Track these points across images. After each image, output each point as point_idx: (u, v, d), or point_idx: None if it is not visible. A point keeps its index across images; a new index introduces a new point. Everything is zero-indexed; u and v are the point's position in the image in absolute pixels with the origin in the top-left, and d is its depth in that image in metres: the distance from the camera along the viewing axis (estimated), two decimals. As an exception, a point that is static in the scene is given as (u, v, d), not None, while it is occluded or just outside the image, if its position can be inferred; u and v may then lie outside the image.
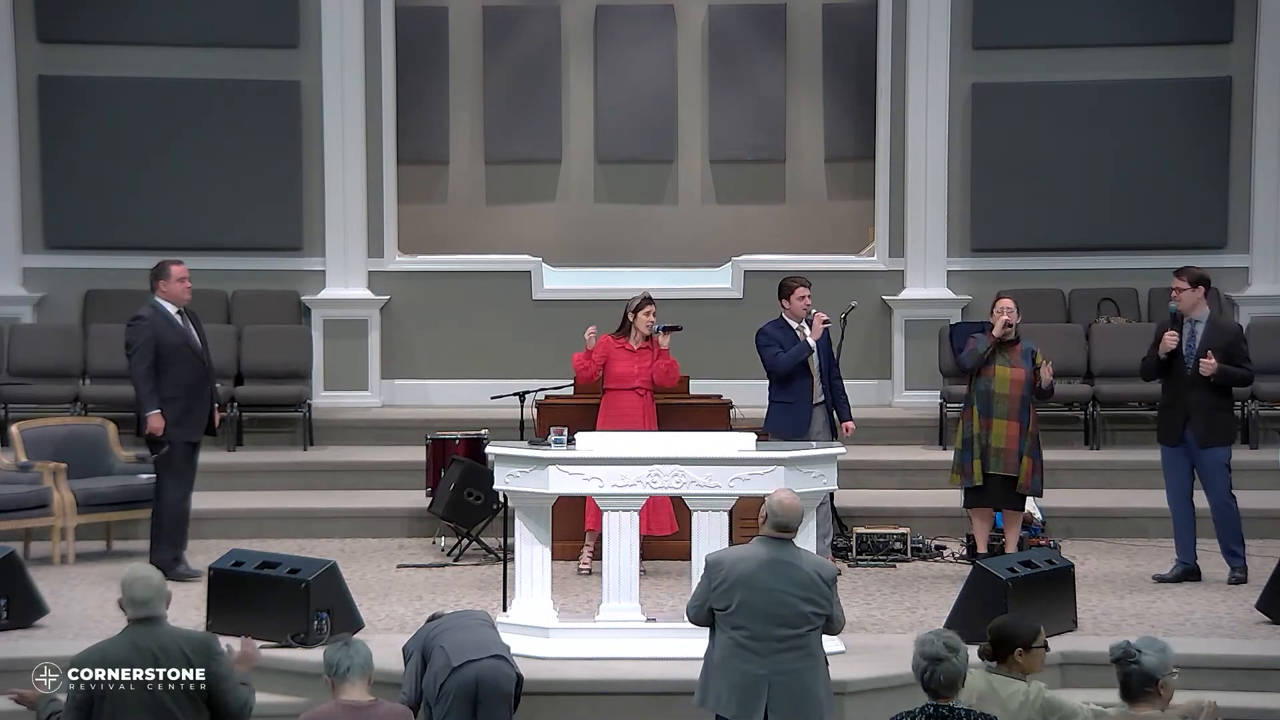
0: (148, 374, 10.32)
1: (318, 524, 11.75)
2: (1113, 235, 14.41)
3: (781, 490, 7.13)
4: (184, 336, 10.45)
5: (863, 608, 9.73)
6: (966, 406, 10.54)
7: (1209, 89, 14.34)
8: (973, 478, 10.40)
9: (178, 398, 10.36)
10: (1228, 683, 8.44)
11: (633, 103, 15.52)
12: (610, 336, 10.85)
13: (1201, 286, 10.24)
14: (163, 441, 10.34)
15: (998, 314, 10.45)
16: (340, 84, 14.24)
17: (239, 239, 14.29)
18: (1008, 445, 10.33)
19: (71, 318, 14.26)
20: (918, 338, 14.15)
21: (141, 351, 10.33)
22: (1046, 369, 10.37)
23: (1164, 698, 5.77)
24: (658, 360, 10.75)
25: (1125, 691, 5.80)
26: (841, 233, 15.29)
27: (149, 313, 10.44)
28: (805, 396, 10.60)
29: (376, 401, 14.35)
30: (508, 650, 7.76)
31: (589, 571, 10.55)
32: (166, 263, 10.59)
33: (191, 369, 10.44)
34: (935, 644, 5.73)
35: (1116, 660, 5.79)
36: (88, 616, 9.46)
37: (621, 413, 10.62)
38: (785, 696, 6.81)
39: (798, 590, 6.82)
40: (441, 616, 8.01)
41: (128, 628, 6.18)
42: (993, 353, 10.42)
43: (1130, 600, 9.87)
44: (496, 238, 15.37)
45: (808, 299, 10.71)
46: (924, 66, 14.27)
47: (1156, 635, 6.57)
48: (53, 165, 14.27)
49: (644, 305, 10.80)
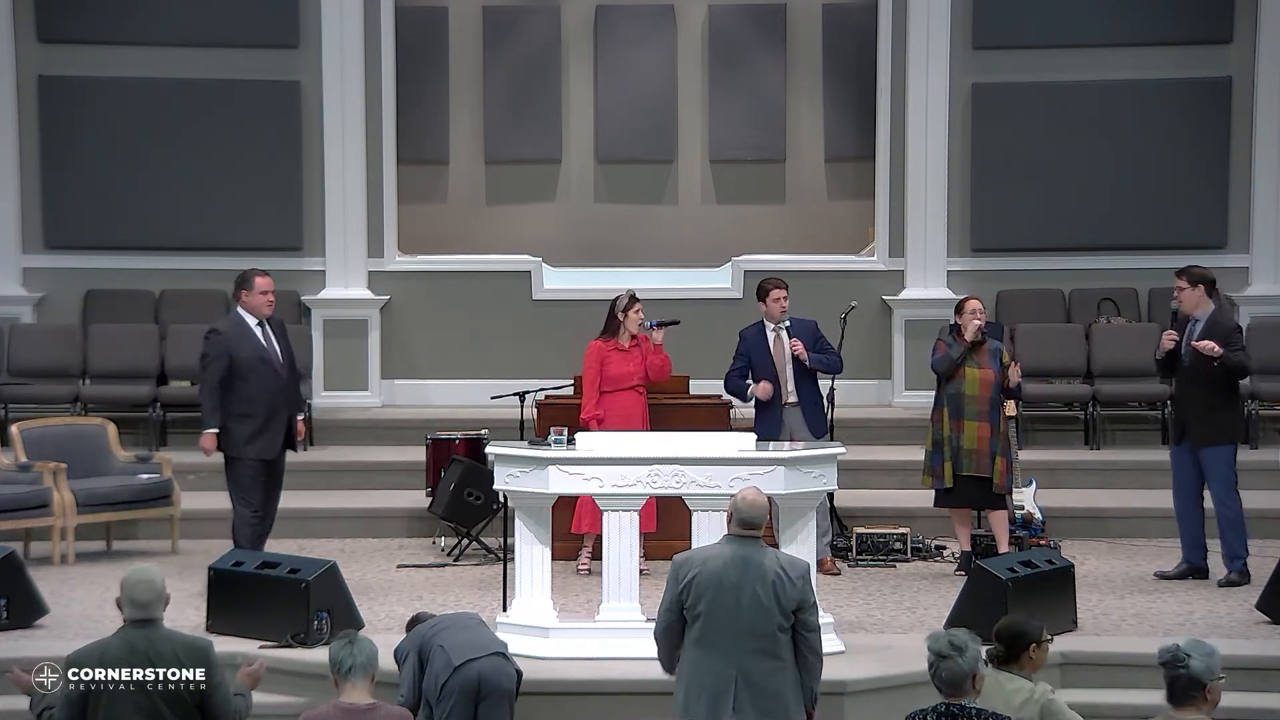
0: (214, 390, 9.81)
1: (318, 524, 11.74)
2: (1113, 235, 14.41)
3: (747, 488, 7.03)
4: (261, 350, 9.91)
5: (863, 608, 9.73)
6: (936, 409, 10.60)
7: (1209, 89, 14.34)
8: (943, 479, 10.48)
9: (252, 414, 9.83)
10: (1228, 683, 8.40)
11: (633, 103, 15.52)
12: (599, 341, 10.83)
13: (1202, 286, 10.24)
14: (233, 458, 9.90)
15: (969, 317, 10.51)
16: (340, 84, 14.24)
17: (239, 239, 14.28)
18: (979, 446, 10.38)
19: (71, 318, 14.26)
20: (918, 338, 14.14)
21: (212, 366, 9.83)
22: (1015, 369, 10.45)
23: (1210, 702, 5.73)
24: (651, 356, 10.76)
25: (1171, 694, 5.75)
26: (841, 233, 15.29)
27: (225, 325, 10.00)
28: (774, 400, 10.66)
29: (376, 401, 14.35)
30: (506, 648, 7.77)
31: (588, 571, 10.55)
32: (251, 273, 10.11)
33: (269, 383, 9.90)
34: (940, 641, 5.73)
35: (1164, 664, 5.75)
36: (88, 616, 9.46)
37: (622, 413, 10.62)
38: (751, 698, 6.68)
39: (765, 589, 6.70)
40: (425, 619, 7.98)
41: (123, 628, 6.17)
42: (962, 354, 10.47)
43: (1130, 600, 9.87)
44: (496, 238, 15.37)
45: (784, 300, 10.75)
46: (924, 66, 14.27)
47: (1157, 636, 6.56)
48: (53, 165, 14.27)
49: (632, 304, 10.80)
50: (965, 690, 5.69)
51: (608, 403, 10.72)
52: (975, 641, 5.79)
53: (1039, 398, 13.52)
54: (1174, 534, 10.70)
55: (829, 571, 10.50)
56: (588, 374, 10.77)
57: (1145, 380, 13.39)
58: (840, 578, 10.56)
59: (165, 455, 11.96)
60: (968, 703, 5.65)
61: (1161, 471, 10.82)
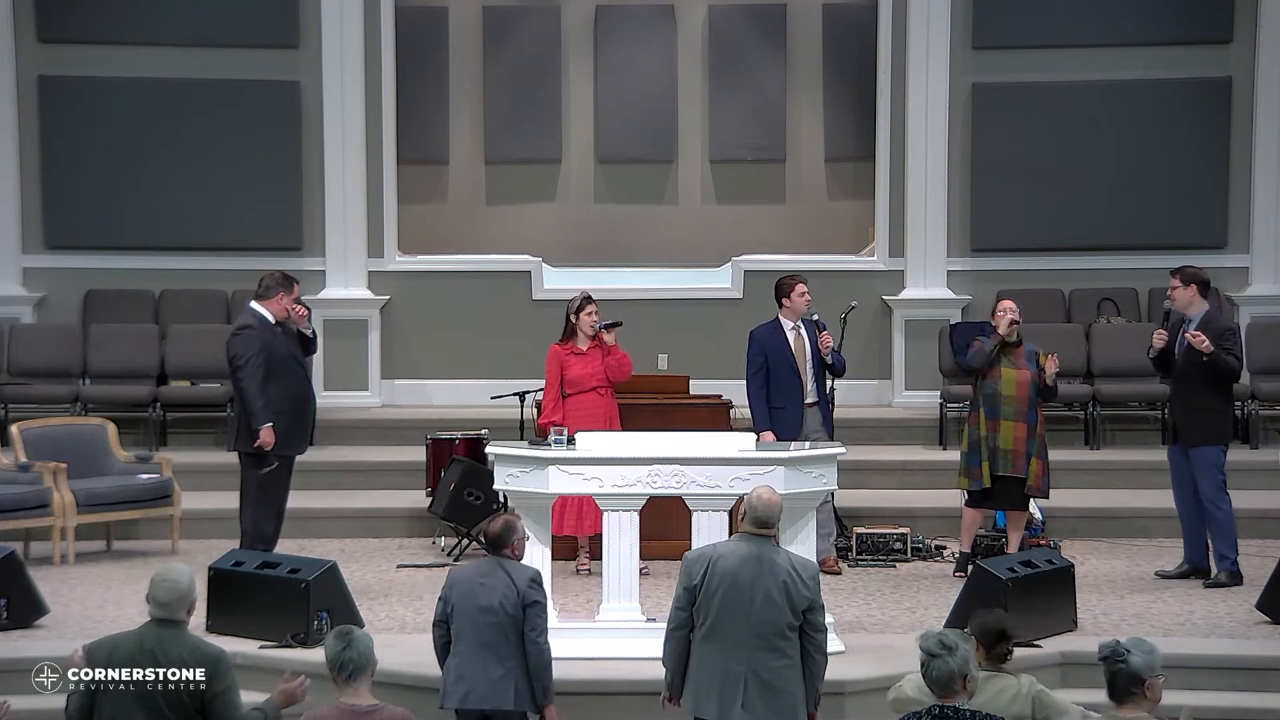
0: (262, 387, 9.72)
1: (318, 524, 11.74)
2: (1113, 235, 14.41)
3: (761, 486, 7.08)
4: (289, 348, 9.93)
5: (863, 608, 9.73)
6: (972, 410, 10.53)
7: (1209, 89, 14.34)
8: (981, 480, 10.39)
9: (284, 411, 9.81)
10: (1228, 683, 8.45)
11: (633, 103, 15.52)
12: (557, 345, 10.81)
13: (1195, 285, 10.26)
14: (268, 457, 9.85)
15: (1001, 314, 10.46)
16: (340, 84, 14.24)
17: (239, 239, 14.29)
18: (1015, 447, 10.33)
19: (71, 318, 14.26)
20: (918, 338, 14.16)
21: (254, 361, 9.72)
22: (1052, 361, 10.38)
23: (1150, 699, 5.75)
24: (607, 357, 10.73)
25: (1111, 691, 5.79)
26: (841, 233, 15.29)
27: (255, 322, 9.86)
28: (795, 399, 10.58)
29: (376, 401, 14.36)
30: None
31: (588, 571, 10.56)
32: (292, 280, 10.08)
33: (297, 381, 9.94)
34: (931, 640, 5.74)
35: (1104, 659, 5.79)
36: (88, 616, 9.46)
37: (584, 414, 10.55)
38: (761, 695, 6.74)
39: (777, 588, 6.74)
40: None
41: (145, 625, 6.18)
42: (998, 355, 10.42)
43: (1130, 600, 9.87)
44: (496, 238, 15.38)
45: (808, 295, 10.70)
46: (924, 66, 14.27)
47: (1156, 636, 6.57)
48: (53, 165, 14.27)
49: (584, 305, 10.77)
50: (956, 690, 5.69)
51: (570, 405, 10.66)
52: (966, 641, 5.80)
53: (1039, 398, 13.52)
54: (1174, 534, 10.72)
55: (830, 570, 10.50)
56: (548, 378, 10.74)
57: (1145, 380, 13.38)
58: (840, 578, 10.56)
59: (165, 455, 11.96)
60: (960, 704, 5.65)
61: (1161, 471, 10.81)
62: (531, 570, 7.35)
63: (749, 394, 10.64)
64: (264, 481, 9.87)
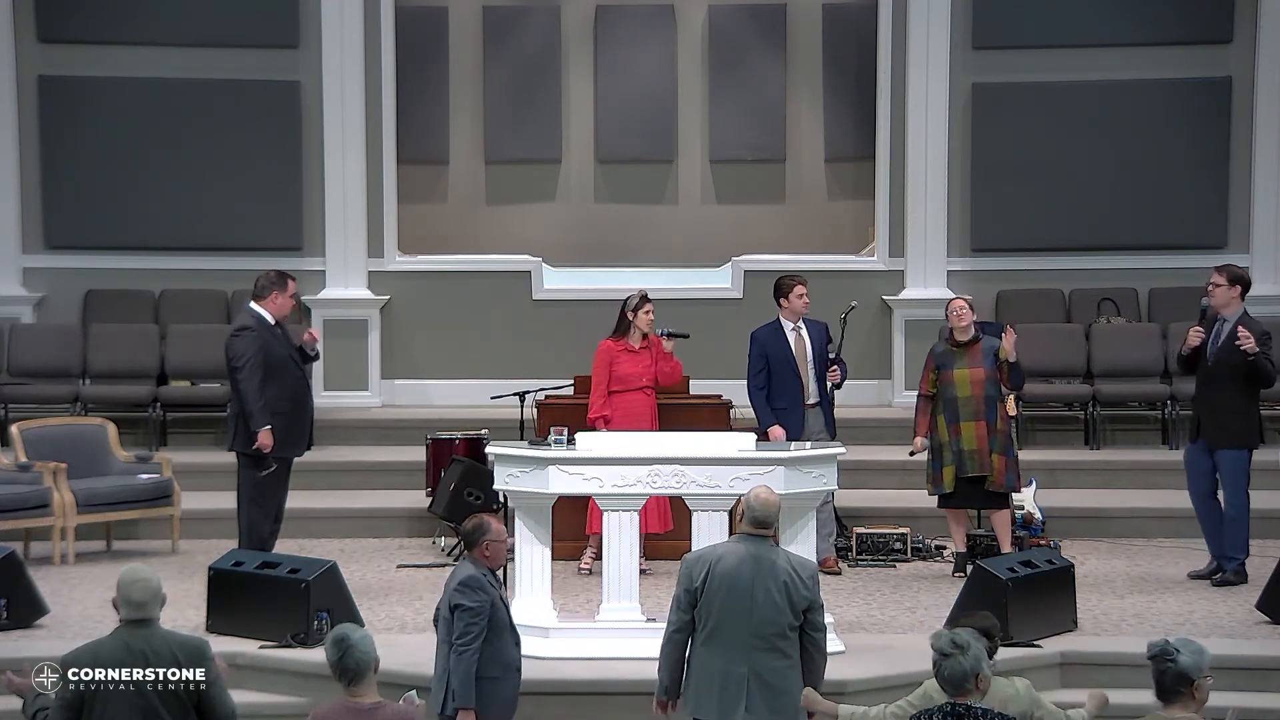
0: (261, 388, 9.70)
1: (318, 524, 11.74)
2: (1113, 235, 14.41)
3: (759, 487, 7.06)
4: (288, 348, 9.92)
5: (863, 608, 9.73)
6: (931, 417, 10.55)
7: (1209, 89, 14.34)
8: (943, 485, 10.47)
9: (283, 412, 9.79)
10: (1228, 683, 8.42)
11: (633, 103, 15.51)
12: (609, 341, 10.81)
13: (1239, 286, 10.21)
14: (266, 460, 9.78)
15: (957, 317, 10.48)
16: (340, 84, 14.24)
17: (239, 239, 14.29)
18: (979, 445, 10.37)
19: (71, 318, 14.26)
20: (918, 338, 14.12)
21: (254, 364, 9.69)
22: (1008, 336, 10.32)
23: (1198, 700, 5.73)
24: (661, 363, 10.73)
25: (1160, 690, 5.76)
26: (841, 233, 15.29)
27: (254, 323, 9.82)
28: (795, 400, 10.60)
29: (376, 401, 14.36)
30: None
31: (590, 572, 10.55)
32: (283, 275, 10.05)
33: (296, 382, 9.93)
34: (943, 640, 5.73)
35: (1153, 658, 5.76)
36: (88, 616, 9.46)
37: (631, 413, 10.60)
38: (762, 696, 6.74)
39: (777, 588, 6.74)
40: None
41: (119, 628, 6.13)
42: (951, 358, 10.45)
43: (1130, 600, 9.87)
44: (496, 238, 15.37)
45: (806, 296, 10.71)
46: (924, 66, 14.27)
47: (1156, 635, 6.55)
48: (53, 165, 14.27)
49: (643, 304, 10.78)
50: (969, 689, 5.69)
51: (616, 403, 10.68)
52: (978, 640, 5.79)
53: (1039, 398, 13.51)
54: (1174, 534, 10.73)
55: (830, 570, 10.50)
56: (597, 374, 10.73)
57: (1145, 380, 13.41)
58: (840, 577, 10.56)
59: (165, 455, 11.97)
60: (973, 703, 5.66)
61: (1162, 471, 10.83)
62: (467, 573, 7.12)
63: (750, 395, 10.65)
64: (261, 482, 9.87)
